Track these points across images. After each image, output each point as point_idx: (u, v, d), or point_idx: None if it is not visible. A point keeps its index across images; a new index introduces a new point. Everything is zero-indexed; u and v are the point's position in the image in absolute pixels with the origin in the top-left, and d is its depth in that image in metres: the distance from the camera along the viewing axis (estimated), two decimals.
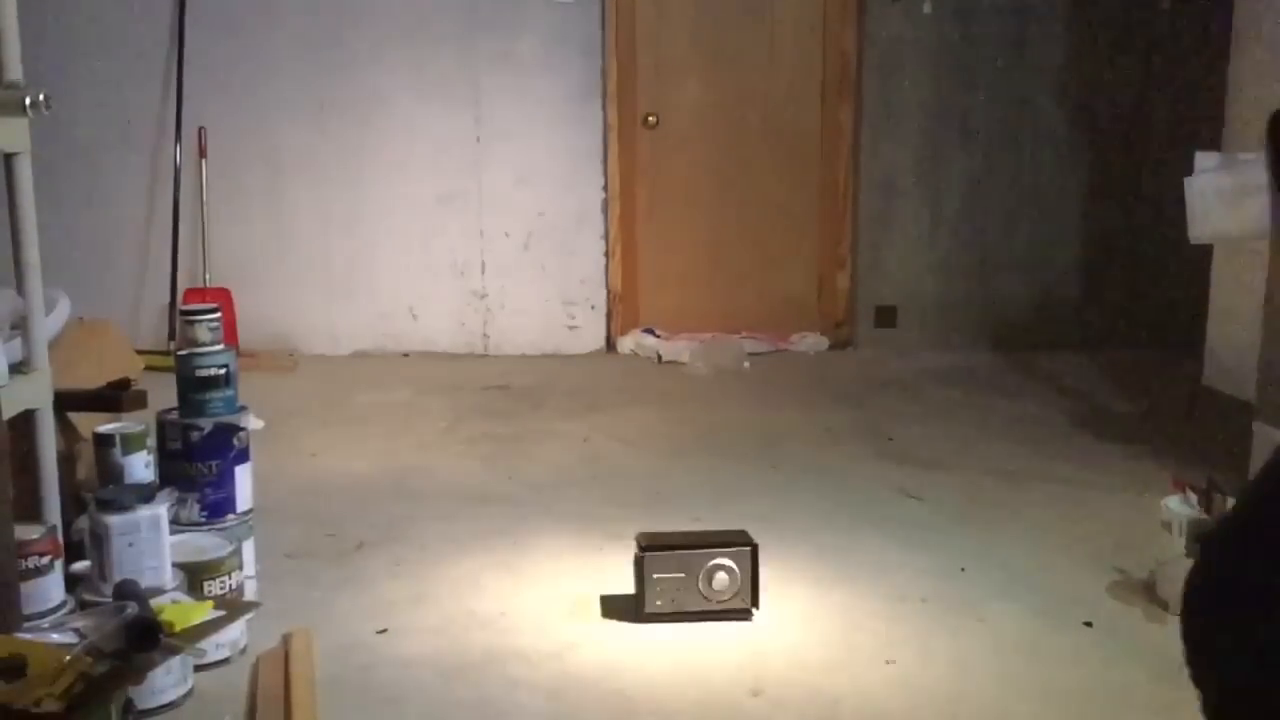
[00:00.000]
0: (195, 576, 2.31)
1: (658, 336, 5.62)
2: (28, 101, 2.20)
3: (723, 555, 2.53)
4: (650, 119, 5.62)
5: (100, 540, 2.20)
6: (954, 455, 3.89)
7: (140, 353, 3.82)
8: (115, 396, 2.63)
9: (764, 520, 3.01)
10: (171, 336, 5.27)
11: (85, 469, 2.65)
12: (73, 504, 2.47)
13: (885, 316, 5.69)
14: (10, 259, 2.33)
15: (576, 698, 2.23)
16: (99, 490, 2.39)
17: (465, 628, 2.54)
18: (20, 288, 2.33)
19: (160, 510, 2.26)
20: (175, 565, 2.28)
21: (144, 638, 1.93)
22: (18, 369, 2.31)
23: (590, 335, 5.66)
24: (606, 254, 5.62)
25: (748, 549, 2.55)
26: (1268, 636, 1.27)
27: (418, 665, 2.36)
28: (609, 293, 5.64)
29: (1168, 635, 2.51)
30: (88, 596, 2.20)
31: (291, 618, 2.53)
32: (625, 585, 2.61)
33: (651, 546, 2.55)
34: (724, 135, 5.66)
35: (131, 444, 2.51)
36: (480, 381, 5.02)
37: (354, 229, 5.55)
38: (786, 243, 5.74)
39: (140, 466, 2.52)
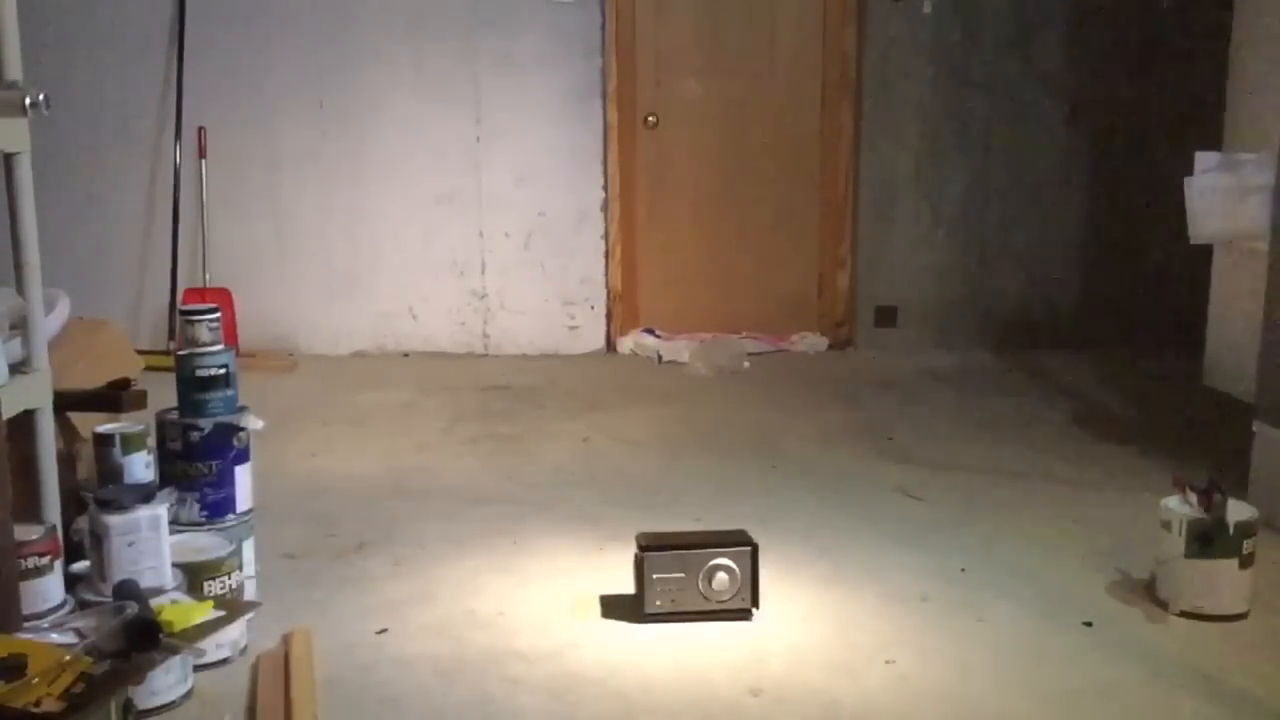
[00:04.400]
0: (195, 576, 2.31)
1: (658, 336, 5.62)
2: (28, 101, 2.20)
3: (723, 555, 2.53)
4: (650, 119, 5.62)
5: (100, 540, 2.20)
6: (954, 455, 3.89)
7: (140, 353, 3.81)
8: (115, 396, 2.63)
9: (764, 520, 3.01)
10: (171, 336, 5.27)
11: (85, 469, 2.65)
12: (73, 504, 2.47)
13: (885, 316, 5.69)
14: (10, 259, 2.32)
15: (576, 698, 2.23)
16: (99, 490, 2.39)
17: (465, 628, 2.54)
18: (20, 288, 2.32)
19: (160, 510, 2.26)
20: (175, 565, 2.28)
21: (144, 638, 1.93)
22: (18, 369, 2.31)
23: (590, 335, 5.66)
24: (606, 254, 5.62)
25: (748, 549, 2.55)
26: None
27: (418, 665, 2.36)
28: (609, 293, 5.64)
29: (1168, 635, 2.51)
30: (88, 596, 2.19)
31: (291, 618, 2.53)
32: (625, 585, 2.61)
33: (651, 546, 2.55)
34: (724, 135, 5.66)
35: (131, 444, 2.51)
36: (480, 381, 5.02)
37: (354, 228, 5.55)
38: (786, 243, 5.75)
39: (140, 466, 2.52)
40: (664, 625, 2.51)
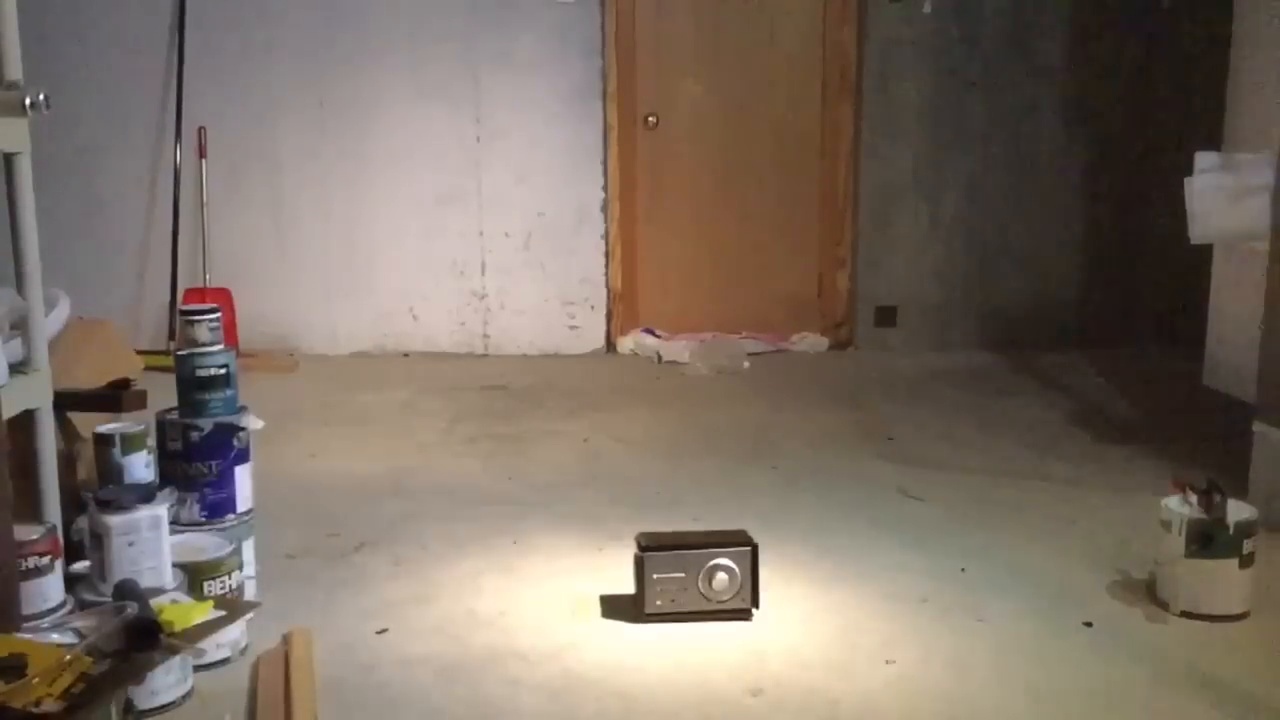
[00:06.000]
0: (195, 576, 2.31)
1: (658, 336, 5.62)
2: (28, 101, 2.20)
3: (723, 555, 2.53)
4: (650, 119, 5.62)
5: (100, 540, 2.20)
6: (954, 455, 3.89)
7: (140, 353, 3.81)
8: (115, 396, 2.63)
9: (764, 520, 3.01)
10: (171, 336, 5.27)
11: (85, 469, 2.65)
12: (73, 504, 2.47)
13: (885, 316, 5.69)
14: (10, 259, 2.33)
15: (576, 698, 2.23)
16: (99, 490, 2.39)
17: (465, 628, 2.54)
18: (20, 288, 2.33)
19: (160, 510, 2.26)
20: (175, 565, 2.28)
21: (144, 638, 1.93)
22: (18, 369, 2.31)
23: (590, 335, 5.66)
24: (606, 254, 5.62)
25: (748, 549, 2.55)
26: None
27: (418, 665, 2.36)
28: (609, 293, 5.64)
29: (1168, 635, 2.51)
30: (88, 596, 2.19)
31: (291, 618, 2.53)
32: (625, 585, 2.61)
33: (651, 546, 2.55)
34: (724, 135, 5.66)
35: (131, 444, 2.51)
36: (480, 381, 5.02)
37: (354, 229, 5.55)
38: (786, 243, 5.75)
39: (140, 466, 2.52)
40: (664, 625, 2.51)
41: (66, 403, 2.54)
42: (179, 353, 2.54)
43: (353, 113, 5.47)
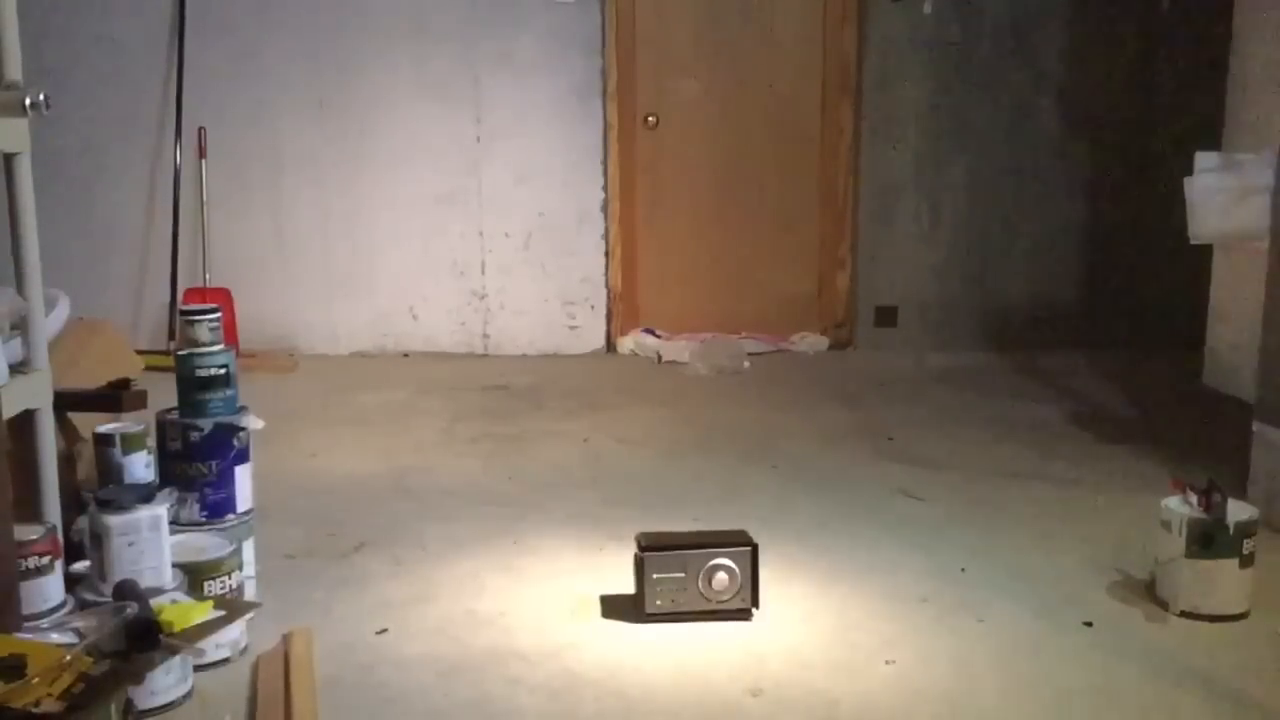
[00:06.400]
0: (195, 576, 2.31)
1: (658, 336, 5.62)
2: (28, 101, 2.20)
3: (723, 555, 2.53)
4: (650, 119, 5.62)
5: (100, 540, 2.20)
6: (954, 455, 3.89)
7: (140, 353, 3.82)
8: (115, 396, 2.63)
9: (764, 520, 3.01)
10: (171, 336, 5.27)
11: (85, 469, 2.65)
12: (73, 504, 2.47)
13: (885, 316, 5.69)
14: (10, 259, 2.32)
15: (576, 698, 2.23)
16: (99, 490, 2.39)
17: (465, 628, 2.54)
18: (20, 288, 2.33)
19: (160, 510, 2.26)
20: (175, 565, 2.28)
21: (144, 638, 1.93)
22: (18, 369, 2.31)
23: (590, 335, 5.66)
24: (606, 254, 5.62)
25: (748, 549, 2.55)
26: None
27: (418, 665, 2.36)
28: (609, 293, 5.65)
29: (1168, 635, 2.51)
30: (88, 596, 2.19)
31: (291, 618, 2.53)
32: (625, 585, 2.62)
33: (651, 546, 2.55)
34: (724, 135, 5.66)
35: (131, 444, 2.51)
36: (480, 381, 5.02)
37: (354, 229, 5.56)
38: (786, 243, 5.75)
39: (140, 466, 2.52)
40: (664, 625, 2.51)
41: (66, 403, 2.54)
42: (179, 353, 2.54)
43: (353, 113, 5.48)
